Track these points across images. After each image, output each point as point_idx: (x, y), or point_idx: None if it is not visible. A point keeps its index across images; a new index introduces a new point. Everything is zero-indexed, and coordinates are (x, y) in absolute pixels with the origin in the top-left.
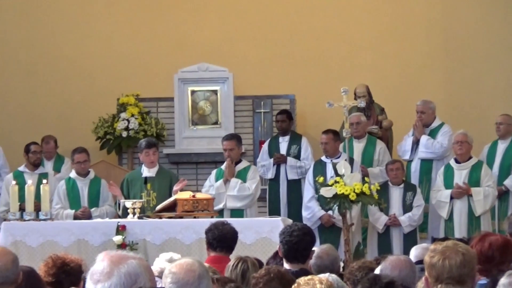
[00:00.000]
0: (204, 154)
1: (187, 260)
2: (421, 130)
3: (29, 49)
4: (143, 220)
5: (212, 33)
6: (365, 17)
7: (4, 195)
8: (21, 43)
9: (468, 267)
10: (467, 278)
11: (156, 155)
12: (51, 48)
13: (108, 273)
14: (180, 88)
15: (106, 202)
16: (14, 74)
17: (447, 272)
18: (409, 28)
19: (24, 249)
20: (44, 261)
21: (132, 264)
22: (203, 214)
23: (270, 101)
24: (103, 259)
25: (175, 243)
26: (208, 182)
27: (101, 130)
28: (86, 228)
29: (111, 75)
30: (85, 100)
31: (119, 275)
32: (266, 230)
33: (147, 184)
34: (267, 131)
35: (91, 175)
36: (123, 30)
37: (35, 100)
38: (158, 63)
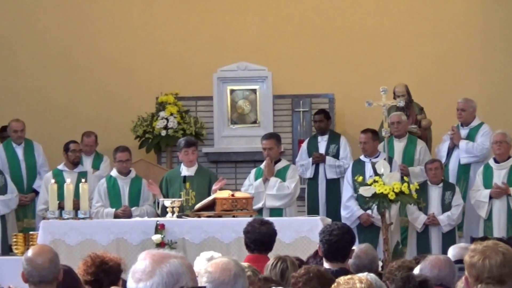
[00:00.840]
0: (243, 153)
1: (223, 259)
2: (459, 136)
3: (69, 48)
4: (182, 219)
5: (251, 32)
6: (404, 16)
7: (43, 193)
8: (61, 42)
9: (509, 266)
10: (507, 278)
11: (195, 154)
12: (91, 47)
13: (150, 272)
14: (219, 87)
15: (147, 202)
16: (54, 73)
17: (487, 272)
18: (448, 27)
19: (63, 247)
20: (83, 260)
21: (174, 263)
22: (242, 213)
23: (309, 100)
24: (145, 258)
25: (214, 242)
26: (248, 181)
27: (140, 129)
28: (125, 227)
29: (150, 74)
30: (124, 99)
31: (161, 275)
32: (305, 229)
33: (186, 183)
34: (306, 130)
35: (132, 174)
36: (162, 29)
37: (74, 99)
38: (198, 62)
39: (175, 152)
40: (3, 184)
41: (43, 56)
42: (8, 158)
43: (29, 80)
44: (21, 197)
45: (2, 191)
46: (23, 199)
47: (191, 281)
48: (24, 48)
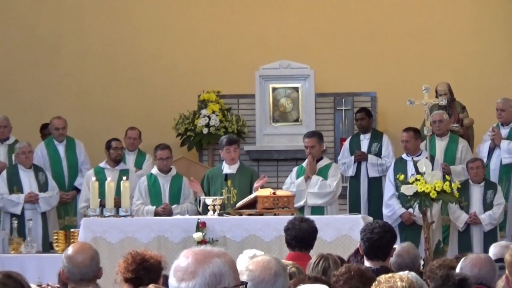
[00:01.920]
0: (285, 151)
1: (264, 257)
2: (500, 137)
3: (111, 46)
4: (223, 217)
5: (293, 30)
6: (447, 15)
7: (85, 191)
8: (103, 39)
9: None
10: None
11: (237, 152)
12: (133, 45)
13: (193, 273)
14: (261, 85)
15: (187, 200)
16: (96, 70)
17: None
18: (490, 26)
19: (104, 245)
20: (123, 257)
21: (217, 264)
22: (283, 212)
23: (351, 99)
24: (188, 256)
25: (255, 240)
26: (289, 179)
27: (181, 127)
28: (166, 224)
29: (192, 72)
30: (166, 97)
31: (203, 275)
32: (346, 228)
33: (228, 181)
34: (348, 129)
35: (173, 172)
36: (205, 27)
37: (116, 96)
38: (240, 60)
39: (217, 150)
40: (44, 182)
41: (85, 54)
42: (50, 156)
43: (71, 78)
44: (62, 194)
45: (43, 189)
46: (64, 197)
47: (233, 280)
48: (67, 46)
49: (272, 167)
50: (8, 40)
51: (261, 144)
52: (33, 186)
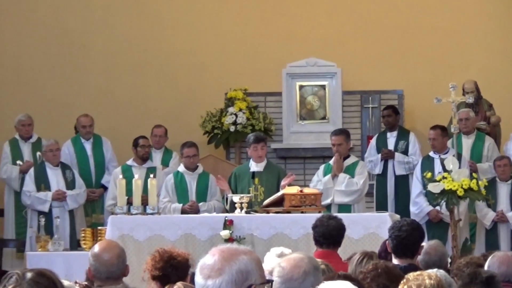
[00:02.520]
0: (312, 149)
1: (297, 255)
2: None
3: (138, 43)
4: (250, 214)
5: (321, 28)
6: (474, 12)
7: (112, 189)
8: (131, 37)
9: None
10: None
11: (264, 149)
12: (160, 43)
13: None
14: (288, 83)
15: (214, 197)
16: (122, 68)
17: None
18: None
19: (131, 243)
20: (151, 255)
21: (243, 261)
22: (311, 209)
23: (378, 97)
24: (214, 254)
25: (282, 238)
26: (316, 177)
27: (208, 125)
28: (194, 222)
29: (219, 70)
30: (193, 95)
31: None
32: (374, 226)
33: (255, 179)
34: (375, 126)
35: (200, 170)
36: (232, 24)
37: (144, 94)
38: (267, 57)
39: (244, 147)
40: (71, 179)
41: (113, 52)
42: (77, 154)
43: (99, 76)
44: (89, 192)
45: (70, 186)
46: (92, 195)
47: (260, 278)
48: (95, 44)
49: (299, 165)
50: (36, 37)
51: (288, 142)
52: (61, 184)
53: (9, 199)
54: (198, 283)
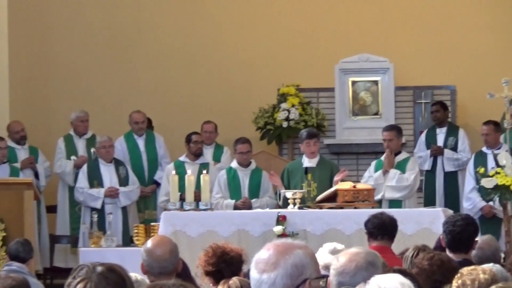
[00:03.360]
0: (365, 145)
1: (355, 249)
2: None
3: (190, 40)
4: (303, 210)
5: (373, 24)
6: None
7: (165, 185)
8: (182, 33)
9: None
10: None
11: (317, 145)
12: (212, 39)
13: (274, 264)
14: (341, 79)
15: (267, 194)
16: (175, 64)
17: None
18: None
19: (184, 239)
20: (204, 250)
21: (298, 255)
22: (364, 205)
23: (430, 92)
24: (269, 248)
25: (335, 234)
26: (368, 173)
27: (261, 120)
28: (247, 218)
29: (272, 66)
30: (245, 90)
31: (285, 266)
32: (427, 221)
33: (308, 175)
34: (427, 122)
35: (253, 166)
36: (284, 20)
37: (195, 90)
38: (319, 53)
39: (297, 143)
40: (124, 176)
41: (164, 48)
42: (130, 150)
43: (150, 72)
44: (142, 188)
45: (123, 183)
46: (144, 191)
47: (315, 272)
48: (145, 41)
49: (352, 161)
50: (88, 35)
51: (341, 137)
52: (114, 180)
53: (63, 194)
54: (253, 278)
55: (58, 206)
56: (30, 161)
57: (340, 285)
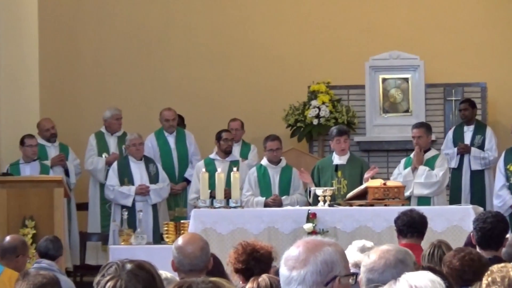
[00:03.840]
0: (395, 142)
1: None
2: None
3: (220, 37)
4: (333, 207)
5: (403, 21)
6: None
7: (195, 182)
8: (211, 31)
9: None
10: None
11: (347, 142)
12: (242, 35)
13: (304, 261)
14: (371, 76)
15: (297, 191)
16: (204, 62)
17: None
18: None
19: (214, 236)
20: (234, 248)
21: (328, 252)
22: (394, 202)
23: (461, 89)
24: (299, 246)
25: (366, 231)
26: (397, 170)
27: (291, 118)
28: (277, 215)
29: (302, 63)
30: (275, 88)
31: (315, 263)
32: (457, 218)
33: (338, 172)
34: (458, 120)
35: (283, 163)
36: (315, 17)
37: (225, 87)
38: (349, 50)
39: (327, 141)
40: (155, 173)
41: (193, 46)
42: (160, 147)
43: (180, 70)
44: (173, 186)
45: (154, 180)
46: (175, 188)
47: (344, 269)
48: (175, 39)
49: (382, 158)
50: (116, 33)
51: (371, 135)
52: (144, 178)
53: (94, 192)
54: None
55: (90, 203)
56: (60, 159)
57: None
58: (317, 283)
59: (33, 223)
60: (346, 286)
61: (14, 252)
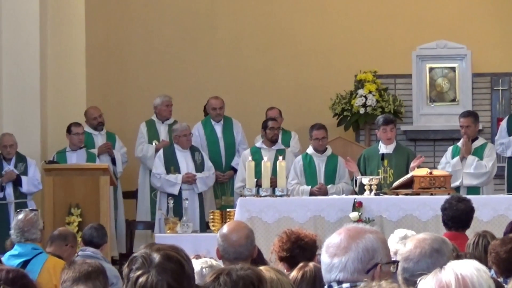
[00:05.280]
0: (442, 131)
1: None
2: None
3: (266, 27)
4: (379, 196)
5: (450, 10)
6: None
7: (241, 171)
8: (258, 20)
9: None
10: None
11: (394, 131)
12: (289, 25)
13: (345, 248)
14: (418, 65)
15: (343, 180)
16: (251, 51)
17: None
18: None
19: (260, 225)
20: (278, 236)
21: (369, 239)
22: (440, 191)
23: (508, 79)
24: (340, 233)
25: (411, 220)
26: (444, 159)
27: (338, 107)
28: (322, 204)
29: (348, 52)
30: (322, 77)
31: (356, 250)
32: (503, 208)
33: (384, 161)
34: (504, 109)
35: (328, 152)
36: (362, 7)
37: (272, 76)
38: (396, 40)
39: (374, 129)
40: (200, 162)
41: (241, 34)
42: (207, 136)
43: (228, 58)
44: (219, 175)
45: (199, 169)
46: (221, 177)
47: (386, 257)
48: (223, 26)
49: (429, 147)
50: (164, 22)
51: (417, 124)
52: (190, 167)
53: (144, 179)
54: (324, 262)
55: (139, 191)
56: (107, 147)
57: (404, 271)
58: (358, 270)
59: (79, 211)
60: (387, 273)
61: (64, 240)
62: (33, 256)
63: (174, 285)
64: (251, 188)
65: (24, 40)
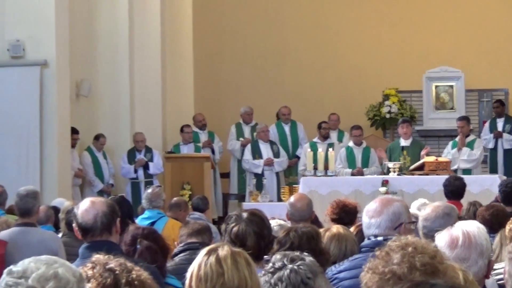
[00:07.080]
0: (444, 130)
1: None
2: None
3: (319, 53)
4: (401, 176)
5: (448, 42)
6: None
7: (303, 158)
8: (313, 48)
9: None
10: None
11: (409, 128)
12: (335, 53)
13: (379, 212)
14: (427, 84)
15: (374, 164)
16: (309, 72)
17: None
18: None
19: (317, 196)
20: (330, 204)
21: (397, 205)
22: (443, 172)
23: (490, 93)
24: (376, 201)
25: (423, 193)
26: (446, 150)
27: (371, 113)
28: (360, 181)
29: (378, 74)
30: (360, 92)
31: (387, 213)
32: (488, 184)
33: (404, 151)
34: (487, 114)
35: (364, 145)
36: (388, 40)
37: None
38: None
39: (396, 129)
40: (277, 151)
41: (302, 60)
42: (279, 134)
43: (292, 78)
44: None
45: (276, 156)
46: (290, 163)
47: (408, 219)
48: (290, 56)
49: (435, 142)
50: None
51: (427, 125)
52: (270, 154)
53: (233, 165)
54: (364, 222)
55: (231, 173)
56: (208, 142)
57: (423, 228)
58: (388, 228)
59: (189, 187)
60: (409, 230)
61: (178, 207)
62: (158, 219)
63: (258, 232)
64: (310, 170)
65: (149, 65)
